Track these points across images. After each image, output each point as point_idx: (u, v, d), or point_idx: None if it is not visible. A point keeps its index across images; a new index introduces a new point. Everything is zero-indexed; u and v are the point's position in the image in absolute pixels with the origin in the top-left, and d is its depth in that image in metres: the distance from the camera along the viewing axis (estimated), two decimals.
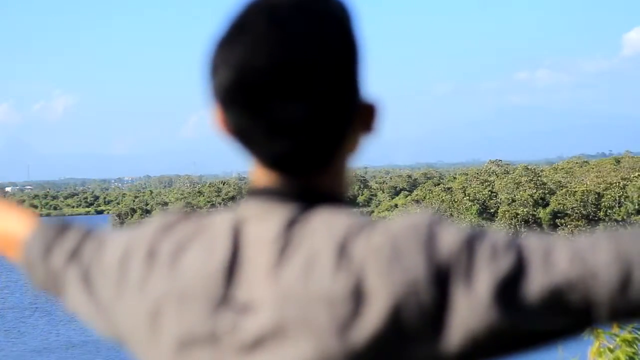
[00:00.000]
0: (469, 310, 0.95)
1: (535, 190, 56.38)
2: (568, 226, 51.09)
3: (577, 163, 75.17)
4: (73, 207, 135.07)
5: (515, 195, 55.94)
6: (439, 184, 72.15)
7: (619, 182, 55.33)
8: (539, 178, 61.00)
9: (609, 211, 52.89)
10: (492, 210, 55.22)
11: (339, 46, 1.03)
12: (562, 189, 55.90)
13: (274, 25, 1.01)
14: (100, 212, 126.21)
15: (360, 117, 1.06)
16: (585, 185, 56.82)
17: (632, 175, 57.34)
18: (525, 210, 52.73)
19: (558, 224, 52.20)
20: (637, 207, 53.13)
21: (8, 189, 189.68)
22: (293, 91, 1.00)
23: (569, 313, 0.96)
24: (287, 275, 0.99)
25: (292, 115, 1.00)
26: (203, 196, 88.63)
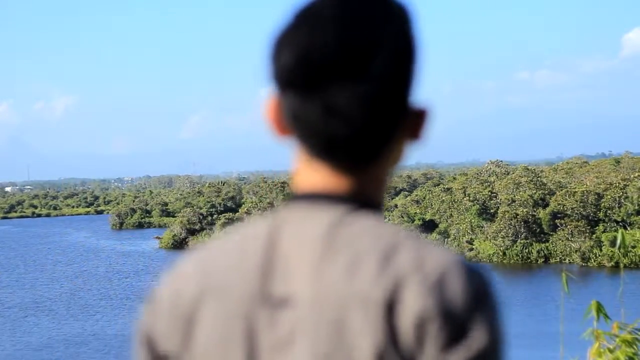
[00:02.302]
0: None
1: (535, 191, 56.40)
2: (568, 227, 51.07)
3: (576, 163, 75.06)
4: (73, 207, 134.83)
5: (515, 196, 55.93)
6: (438, 184, 72.12)
7: (619, 183, 55.31)
8: (539, 178, 60.99)
9: (608, 212, 52.84)
10: (492, 211, 55.20)
11: (401, 38, 1.06)
12: (561, 190, 55.90)
13: (341, 10, 1.04)
14: (100, 212, 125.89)
15: (410, 120, 1.08)
16: (585, 186, 56.82)
17: (632, 176, 57.29)
18: (525, 210, 52.69)
19: (558, 224, 52.16)
20: (637, 207, 53.14)
21: (8, 188, 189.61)
22: (353, 73, 1.02)
23: None
24: (329, 273, 1.00)
25: (350, 97, 1.02)
26: (203, 196, 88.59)
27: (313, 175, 1.07)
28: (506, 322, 1.05)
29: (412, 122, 1.08)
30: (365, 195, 1.07)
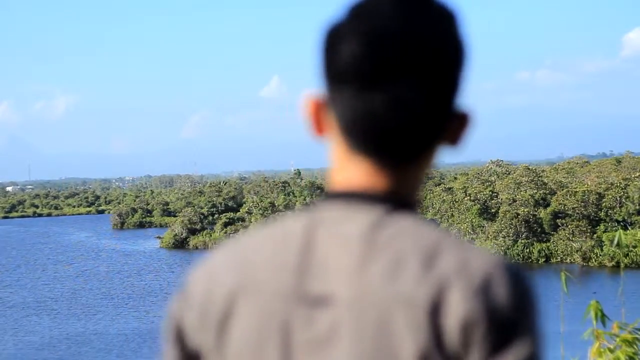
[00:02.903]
0: None
1: (536, 191, 56.39)
2: (569, 226, 51.06)
3: (577, 163, 75.09)
4: (74, 206, 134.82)
5: (516, 196, 55.92)
6: (439, 184, 72.06)
7: (620, 183, 55.31)
8: (540, 178, 60.95)
9: (609, 211, 52.84)
10: (493, 211, 55.18)
11: (454, 39, 1.08)
12: (562, 189, 55.89)
13: (397, 8, 1.05)
14: (102, 212, 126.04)
15: (452, 123, 1.09)
16: (586, 186, 56.82)
17: (633, 176, 57.32)
18: (526, 210, 52.68)
19: (559, 224, 52.16)
20: (637, 207, 53.12)
21: (9, 188, 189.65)
22: (415, 68, 1.03)
23: None
24: (371, 274, 1.00)
25: (409, 90, 1.03)
26: (204, 196, 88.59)
27: (352, 171, 1.07)
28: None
29: (454, 125, 1.09)
30: (402, 195, 1.07)
